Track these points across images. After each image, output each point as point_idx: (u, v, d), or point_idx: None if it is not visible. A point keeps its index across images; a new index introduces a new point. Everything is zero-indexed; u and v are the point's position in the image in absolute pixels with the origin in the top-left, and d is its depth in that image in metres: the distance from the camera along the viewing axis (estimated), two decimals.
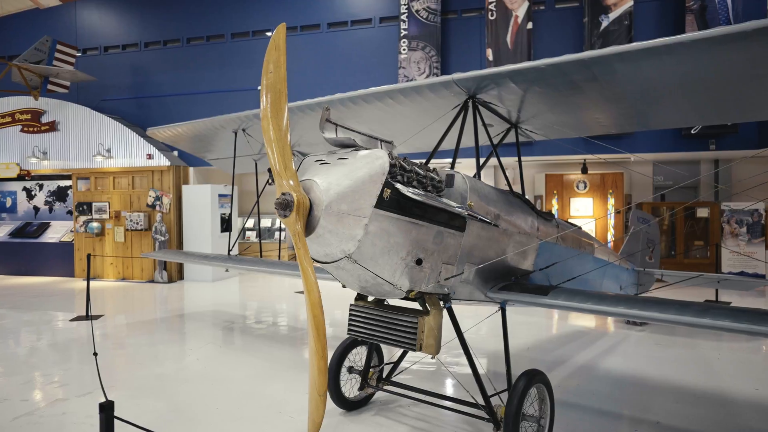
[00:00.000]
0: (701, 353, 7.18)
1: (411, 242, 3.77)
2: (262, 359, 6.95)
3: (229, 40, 14.93)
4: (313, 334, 3.16)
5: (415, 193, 3.69)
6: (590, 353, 7.20)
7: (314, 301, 3.19)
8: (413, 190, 3.71)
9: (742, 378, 6.16)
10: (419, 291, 3.98)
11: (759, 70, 3.87)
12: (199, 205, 13.97)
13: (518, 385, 4.06)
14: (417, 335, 3.99)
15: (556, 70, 4.36)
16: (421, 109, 5.65)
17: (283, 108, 3.57)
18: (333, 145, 3.89)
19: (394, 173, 3.63)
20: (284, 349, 7.47)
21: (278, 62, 3.64)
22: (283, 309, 10.73)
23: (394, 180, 3.63)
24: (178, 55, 15.52)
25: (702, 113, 5.34)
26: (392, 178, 3.61)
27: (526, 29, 11.97)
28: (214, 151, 9.27)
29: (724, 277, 8.35)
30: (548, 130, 5.76)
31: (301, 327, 8.92)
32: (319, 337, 3.14)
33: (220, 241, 14.05)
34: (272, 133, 3.50)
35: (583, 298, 4.27)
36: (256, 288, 13.40)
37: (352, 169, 3.49)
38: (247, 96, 14.14)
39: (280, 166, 3.39)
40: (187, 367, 6.60)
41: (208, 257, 8.11)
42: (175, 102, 15.28)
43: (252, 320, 9.64)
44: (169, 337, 8.24)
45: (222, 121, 7.50)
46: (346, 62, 13.79)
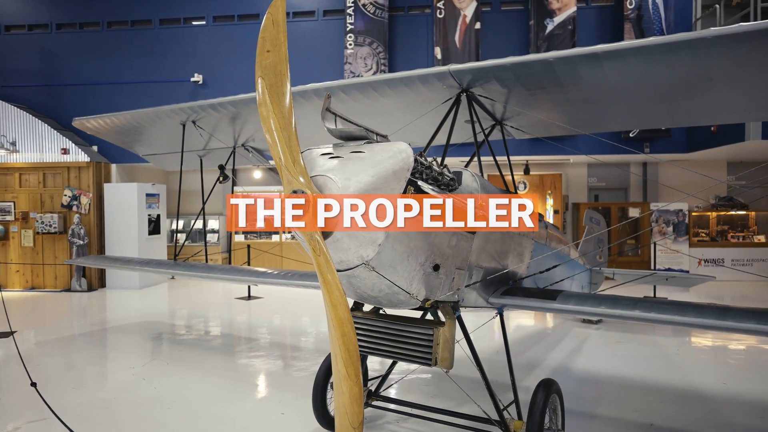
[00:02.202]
0: (661, 350, 7.38)
1: (429, 246, 3.41)
2: (218, 376, 6.27)
3: (157, 27, 13.73)
4: (343, 356, 2.70)
5: (437, 192, 3.34)
6: (560, 354, 7.17)
7: (342, 317, 2.73)
8: (435, 188, 3.36)
9: (706, 373, 6.34)
10: (435, 299, 3.62)
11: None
12: (124, 205, 12.70)
13: (537, 398, 3.81)
14: (433, 348, 3.62)
15: (565, 64, 4.18)
16: (406, 103, 5.30)
17: (285, 92, 3.06)
18: (338, 137, 3.43)
19: (415, 169, 3.25)
20: (241, 363, 6.81)
21: (277, 40, 3.13)
22: (226, 317, 9.94)
23: (415, 177, 3.26)
24: (97, 41, 14.07)
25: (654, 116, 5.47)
26: (413, 174, 3.23)
27: (474, 29, 11.96)
28: (153, 145, 8.36)
29: (672, 275, 8.69)
30: (533, 127, 5.60)
31: (251, 336, 8.24)
32: (352, 360, 2.69)
33: (148, 244, 12.88)
34: (274, 121, 2.98)
35: (595, 302, 4.11)
36: (189, 294, 12.40)
37: (373, 164, 3.06)
38: (179, 88, 13.08)
39: (287, 159, 2.90)
40: (133, 389, 5.78)
41: (150, 263, 7.25)
42: (94, 92, 13.83)
43: (196, 331, 8.80)
44: (104, 354, 7.29)
45: (169, 112, 6.71)
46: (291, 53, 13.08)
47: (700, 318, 3.65)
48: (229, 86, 10.28)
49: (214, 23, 13.47)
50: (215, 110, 6.33)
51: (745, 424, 4.95)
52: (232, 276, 6.38)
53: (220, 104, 6.20)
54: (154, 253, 12.99)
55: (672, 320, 3.72)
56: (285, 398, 5.47)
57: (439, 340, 3.64)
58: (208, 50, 13.34)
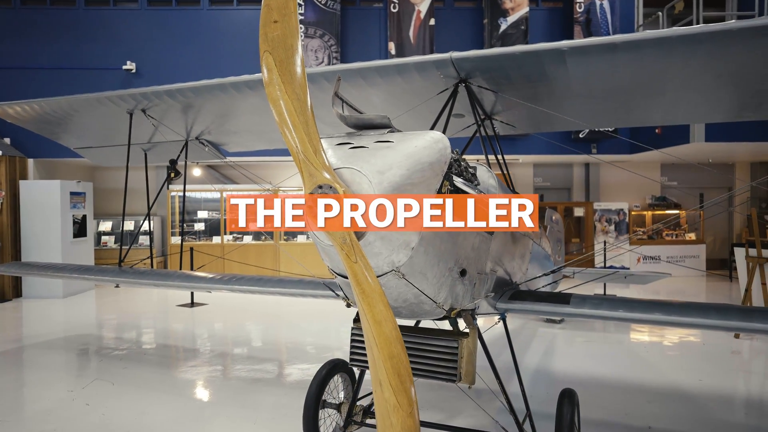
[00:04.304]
0: (630, 348, 7.46)
1: (458, 249, 3.06)
2: (178, 395, 5.58)
3: (82, 7, 12.42)
4: (393, 383, 2.27)
5: (471, 187, 3.00)
6: (533, 357, 7.05)
7: (390, 335, 2.31)
8: (468, 184, 3.01)
9: (681, 370, 6.42)
10: (461, 308, 3.27)
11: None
12: (44, 205, 11.37)
13: (564, 412, 3.54)
14: (458, 363, 3.25)
15: (578, 54, 3.96)
16: (395, 94, 4.92)
17: (296, 70, 2.56)
18: (353, 125, 3.00)
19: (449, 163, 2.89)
20: (200, 379, 6.13)
21: (286, 8, 2.64)
22: (172, 327, 9.07)
23: (451, 171, 2.90)
24: (9, 18, 12.53)
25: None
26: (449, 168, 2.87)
27: (429, 25, 11.75)
28: (88, 137, 7.44)
29: (630, 272, 8.86)
30: (523, 122, 5.39)
31: (205, 348, 7.51)
32: (404, 387, 2.26)
33: (73, 248, 11.62)
34: (286, 103, 2.50)
35: (611, 305, 3.91)
36: (121, 302, 11.29)
37: (406, 155, 2.65)
38: (108, 76, 11.91)
39: (306, 149, 2.44)
40: (78, 418, 4.98)
41: (91, 270, 6.36)
42: (5, 77, 12.31)
43: (140, 344, 7.92)
44: (31, 377, 6.32)
45: (115, 99, 5.92)
46: (231, 46, 12.31)
47: (725, 320, 3.54)
48: (166, 76, 9.42)
49: (149, 7, 12.38)
50: (172, 98, 5.63)
51: (736, 422, 4.99)
52: (191, 284, 5.70)
53: (179, 91, 5.51)
54: (80, 257, 11.74)
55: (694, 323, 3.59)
56: (260, 418, 4.91)
57: (463, 353, 3.28)
58: (143, 36, 12.25)
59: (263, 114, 6.03)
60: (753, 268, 8.00)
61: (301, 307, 10.21)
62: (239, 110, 6.01)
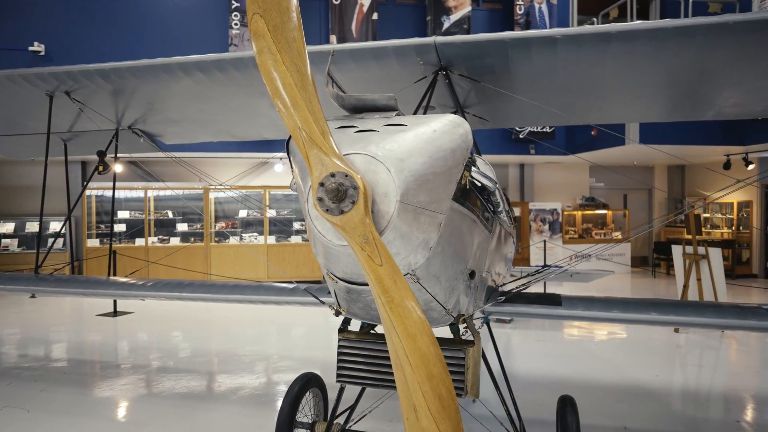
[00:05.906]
0: (582, 346, 7.51)
1: (470, 249, 2.75)
2: (116, 423, 4.85)
3: None
4: (433, 408, 1.88)
5: (487, 179, 2.69)
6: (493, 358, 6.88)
7: (427, 352, 1.93)
8: (485, 175, 2.70)
9: (636, 366, 6.51)
10: (468, 314, 2.95)
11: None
12: None
13: (569, 422, 3.32)
14: (465, 375, 2.93)
15: (571, 43, 3.77)
16: (367, 82, 4.53)
17: (295, 36, 2.13)
18: (351, 107, 2.62)
19: None
20: (139, 400, 5.39)
21: None
22: (95, 340, 8.08)
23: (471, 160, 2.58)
24: None
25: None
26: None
27: (372, 19, 11.42)
28: None
29: (575, 270, 8.99)
30: (497, 116, 5.18)
31: (140, 363, 6.69)
32: (448, 413, 1.89)
33: None
34: (283, 76, 2.08)
35: (604, 306, 3.76)
36: (25, 312, 9.99)
37: (425, 140, 2.29)
38: (12, 57, 10.52)
39: (312, 130, 2.03)
40: None
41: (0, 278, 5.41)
42: None
43: (57, 361, 6.94)
44: None
45: (31, 77, 5.07)
46: (161, 32, 11.32)
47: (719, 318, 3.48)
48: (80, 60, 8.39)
49: None
50: (105, 78, 4.88)
51: (705, 417, 5.04)
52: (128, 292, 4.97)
53: (113, 70, 4.78)
54: None
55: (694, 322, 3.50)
56: None
57: (470, 364, 2.96)
58: (52, 16, 10.96)
59: (210, 101, 5.44)
60: (690, 266, 8.36)
61: (236, 313, 9.52)
62: (181, 96, 5.36)
